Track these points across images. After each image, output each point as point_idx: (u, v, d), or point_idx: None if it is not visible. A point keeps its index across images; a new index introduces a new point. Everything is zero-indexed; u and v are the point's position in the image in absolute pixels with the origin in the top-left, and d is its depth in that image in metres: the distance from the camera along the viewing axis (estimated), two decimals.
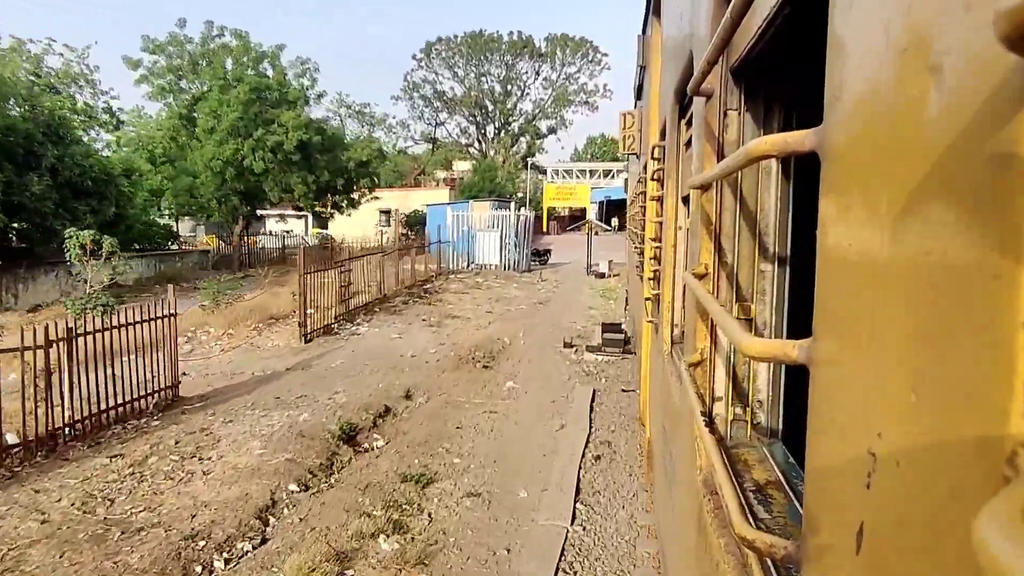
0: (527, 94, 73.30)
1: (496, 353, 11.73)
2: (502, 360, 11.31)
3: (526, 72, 71.44)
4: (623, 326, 12.30)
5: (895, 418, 0.62)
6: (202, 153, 26.35)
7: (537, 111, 73.19)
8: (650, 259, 4.48)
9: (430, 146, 69.42)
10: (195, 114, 27.67)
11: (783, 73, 1.80)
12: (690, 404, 1.85)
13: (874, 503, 0.65)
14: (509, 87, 71.62)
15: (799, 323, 1.84)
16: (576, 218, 57.72)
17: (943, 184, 0.55)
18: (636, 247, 8.28)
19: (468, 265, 25.66)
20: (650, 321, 4.52)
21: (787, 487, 1.60)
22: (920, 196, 0.59)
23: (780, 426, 1.92)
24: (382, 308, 16.55)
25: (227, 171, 26.46)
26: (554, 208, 56.40)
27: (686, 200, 2.81)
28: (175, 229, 33.34)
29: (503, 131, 72.53)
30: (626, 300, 15.54)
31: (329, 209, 33.19)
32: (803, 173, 1.87)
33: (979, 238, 0.49)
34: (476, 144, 72.63)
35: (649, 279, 4.49)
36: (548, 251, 29.67)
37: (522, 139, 74.00)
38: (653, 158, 4.13)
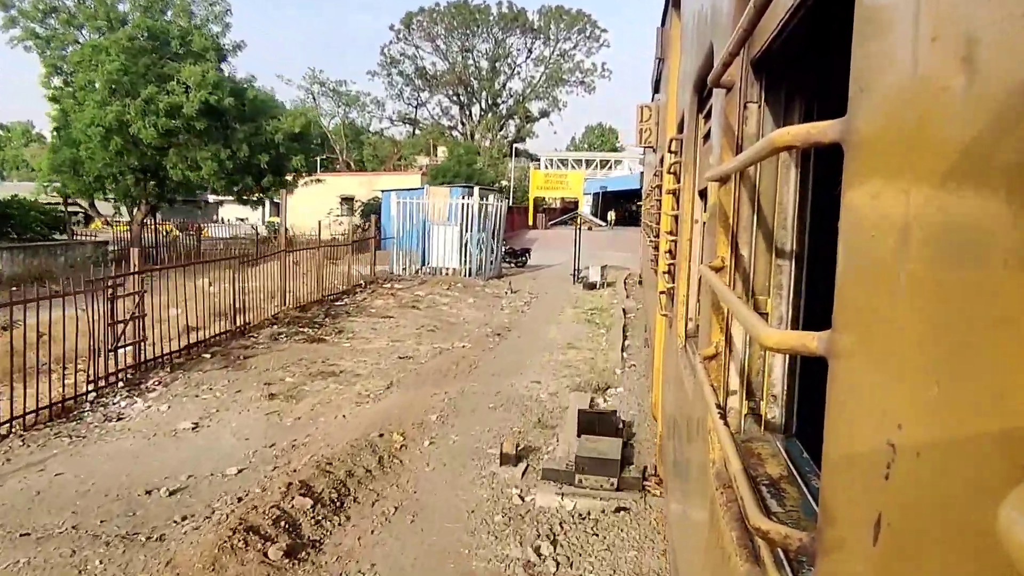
0: (517, 72, 65.32)
1: (344, 495, 5.23)
2: (345, 526, 4.85)
3: (517, 48, 63.85)
4: (619, 416, 6.45)
5: (916, 410, 0.62)
6: (79, 118, 20.39)
7: (528, 91, 65.40)
8: (665, 252, 4.47)
9: (411, 128, 63.81)
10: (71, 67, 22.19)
11: (804, 65, 1.79)
12: (704, 397, 1.85)
13: (892, 494, 0.65)
14: (497, 64, 63.72)
15: (811, 317, 1.84)
16: (568, 211, 52.35)
17: (972, 176, 0.55)
18: (651, 241, 8.25)
19: (419, 269, 19.97)
20: (664, 315, 4.51)
21: (800, 482, 1.60)
22: (948, 188, 0.59)
23: (794, 421, 1.92)
24: (223, 351, 9.75)
25: (113, 141, 20.27)
26: (543, 199, 50.90)
27: (703, 194, 2.79)
28: (79, 213, 28.67)
29: (490, 113, 64.43)
30: (624, 332, 11.67)
31: (256, 195, 26.71)
32: (819, 167, 1.86)
33: (1007, 230, 0.49)
34: (460, 127, 64.96)
35: (664, 273, 4.48)
36: (527, 251, 24.17)
37: (511, 122, 66.38)
38: (670, 151, 4.11)
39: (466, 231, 19.78)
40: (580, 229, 21.49)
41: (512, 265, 22.80)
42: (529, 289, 18.26)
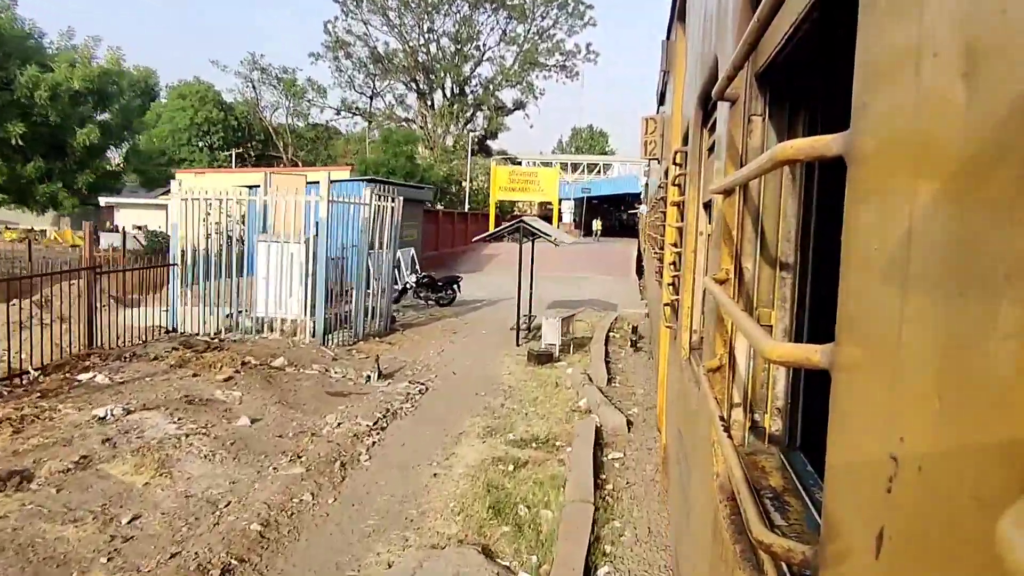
0: (487, 56, 54.01)
1: None
2: None
3: (487, 27, 52.64)
4: None
5: (918, 423, 0.62)
6: None
7: (499, 77, 53.98)
8: (669, 264, 4.47)
9: (367, 123, 53.26)
10: None
11: (808, 78, 1.80)
12: (708, 409, 1.85)
13: (895, 507, 0.65)
14: (463, 47, 52.57)
15: (813, 330, 1.84)
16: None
17: (974, 189, 0.55)
18: (656, 253, 8.26)
19: (233, 322, 11.00)
20: (668, 326, 4.51)
21: (804, 495, 1.59)
22: (950, 202, 0.59)
23: (798, 433, 1.91)
24: None
25: None
26: (511, 204, 41.74)
27: (707, 206, 2.80)
28: None
29: (455, 102, 53.00)
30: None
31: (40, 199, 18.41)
32: (823, 179, 1.86)
33: (1009, 244, 0.49)
34: (419, 119, 54.12)
35: (668, 284, 4.48)
36: (455, 281, 15.96)
37: (479, 114, 55.14)
38: (675, 163, 4.12)
39: (316, 254, 10.77)
40: (527, 245, 12.22)
41: (430, 303, 15.29)
42: (425, 364, 9.74)
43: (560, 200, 43.41)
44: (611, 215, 51.17)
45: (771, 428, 1.90)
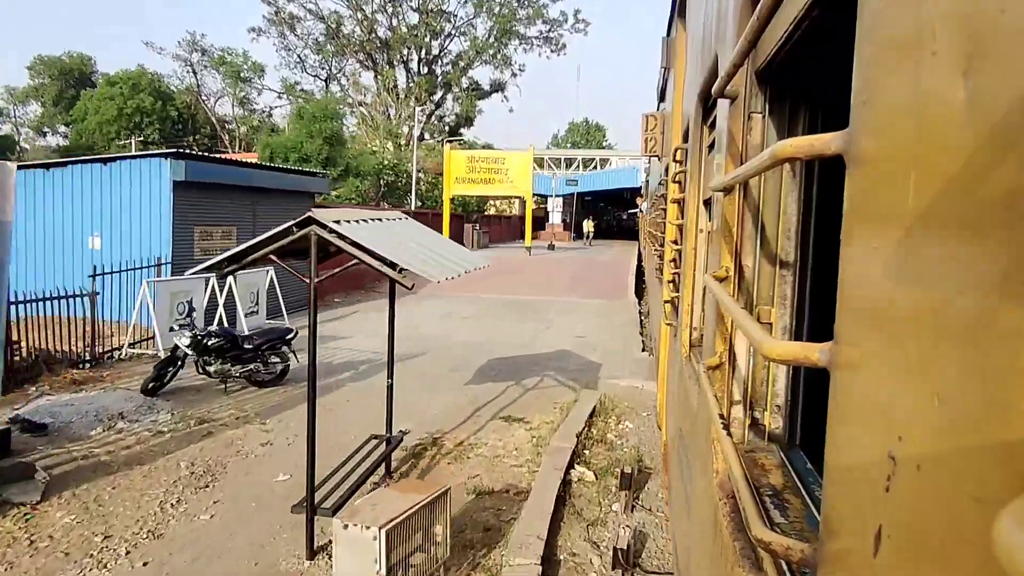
0: (457, 29, 45.19)
1: None
2: None
3: None
4: None
5: (917, 422, 0.62)
6: None
7: (471, 50, 45.05)
8: (669, 262, 4.47)
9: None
10: None
11: (808, 76, 1.79)
12: (708, 407, 1.85)
13: (893, 507, 0.65)
14: (430, 19, 44.16)
15: (815, 328, 1.84)
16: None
17: (973, 189, 0.55)
18: (656, 250, 8.26)
19: None
20: (669, 324, 4.51)
21: (804, 492, 1.60)
22: (949, 200, 0.59)
23: (798, 431, 1.91)
24: None
25: None
26: (473, 201, 34.15)
27: (707, 203, 2.80)
28: None
29: (423, 83, 44.17)
30: None
31: None
32: (823, 176, 1.86)
33: (1008, 243, 0.49)
34: (378, 105, 45.40)
35: (668, 282, 4.48)
36: (284, 339, 8.56)
37: (448, 97, 46.33)
38: (675, 161, 4.12)
39: None
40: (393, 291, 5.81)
41: (229, 382, 8.33)
42: None
43: (546, 197, 37.13)
44: (609, 214, 46.36)
45: (771, 426, 1.90)
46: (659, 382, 6.44)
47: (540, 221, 38.91)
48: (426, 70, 44.96)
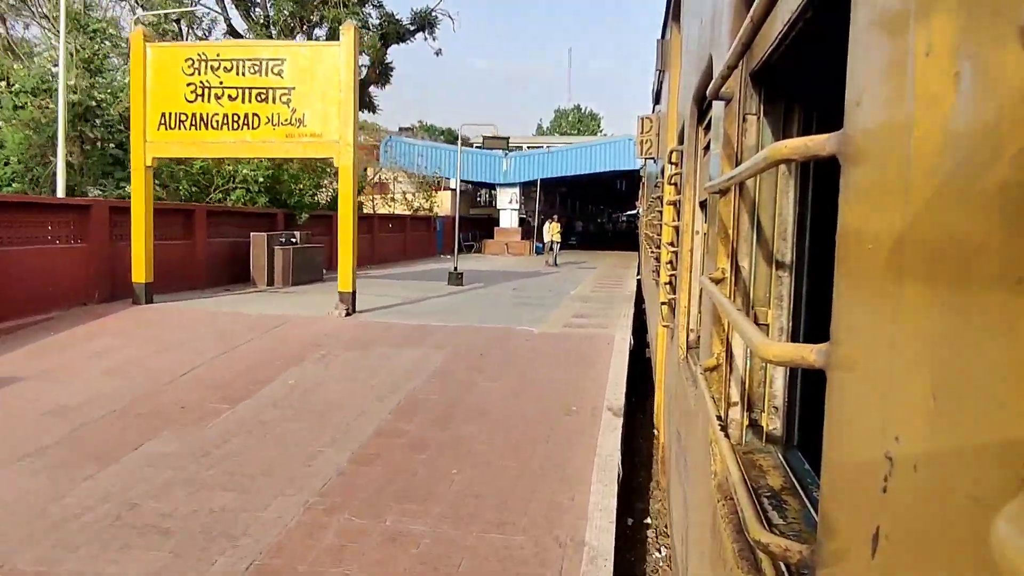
0: None
1: None
2: None
3: None
4: None
5: (913, 422, 0.62)
6: None
7: None
8: (666, 263, 4.48)
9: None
10: None
11: (803, 77, 1.80)
12: (705, 408, 1.85)
13: (890, 507, 0.65)
14: None
15: (811, 329, 1.84)
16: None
17: (966, 189, 0.55)
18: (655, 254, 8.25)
19: None
20: (665, 326, 4.51)
21: (802, 493, 1.60)
22: (943, 201, 0.59)
23: (796, 432, 1.91)
24: None
25: None
26: (244, 179, 13.22)
27: (703, 205, 2.80)
28: None
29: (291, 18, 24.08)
30: None
31: None
32: (819, 177, 1.86)
33: (1002, 243, 0.49)
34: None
35: (665, 284, 4.48)
36: None
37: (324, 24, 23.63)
38: (671, 162, 4.13)
39: None
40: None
41: None
42: None
43: (492, 187, 26.42)
44: (600, 214, 33.38)
45: (769, 427, 1.90)
46: (657, 384, 6.45)
47: (487, 223, 28.68)
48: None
